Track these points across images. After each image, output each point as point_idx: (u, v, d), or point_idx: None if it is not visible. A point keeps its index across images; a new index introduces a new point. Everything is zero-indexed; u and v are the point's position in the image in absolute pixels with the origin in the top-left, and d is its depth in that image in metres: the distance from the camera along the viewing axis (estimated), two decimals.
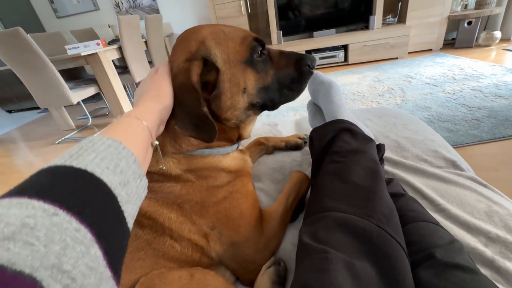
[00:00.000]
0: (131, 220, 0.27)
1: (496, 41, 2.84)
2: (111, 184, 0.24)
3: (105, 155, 0.26)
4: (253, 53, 0.48)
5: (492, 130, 1.35)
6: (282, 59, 0.52)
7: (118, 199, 0.24)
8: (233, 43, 0.48)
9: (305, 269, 0.32)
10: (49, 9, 3.88)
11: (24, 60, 1.98)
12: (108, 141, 0.27)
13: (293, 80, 0.52)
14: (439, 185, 0.59)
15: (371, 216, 0.37)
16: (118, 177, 0.25)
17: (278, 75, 0.51)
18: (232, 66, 0.47)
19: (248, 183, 0.56)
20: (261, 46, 0.50)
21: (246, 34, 0.50)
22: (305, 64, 0.51)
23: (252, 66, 0.49)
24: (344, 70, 2.91)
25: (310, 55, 0.52)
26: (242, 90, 0.48)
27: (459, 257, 0.34)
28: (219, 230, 0.48)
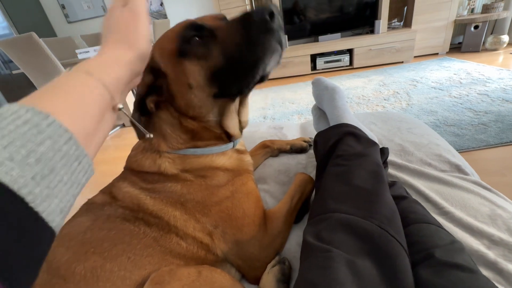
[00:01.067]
0: (57, 216, 0.21)
1: (504, 45, 2.82)
2: (13, 182, 0.18)
3: (13, 137, 0.19)
4: (183, 43, 0.44)
5: (499, 135, 1.35)
6: (228, 29, 0.43)
7: (27, 199, 0.19)
8: (167, 42, 0.46)
9: (309, 267, 0.34)
10: (60, 14, 3.98)
11: (36, 64, 2.04)
12: (27, 115, 0.20)
13: (245, 41, 0.41)
14: (443, 189, 0.60)
15: (373, 218, 0.38)
16: (30, 169, 0.19)
17: (226, 49, 0.42)
18: (171, 65, 0.45)
19: (248, 182, 0.56)
20: (195, 29, 0.44)
21: (180, 25, 0.46)
22: (252, 18, 0.40)
23: (188, 56, 0.44)
24: (349, 74, 2.92)
25: (259, 6, 0.40)
26: (187, 86, 0.46)
27: (459, 257, 0.35)
28: (223, 229, 0.49)
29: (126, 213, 0.48)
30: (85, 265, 0.40)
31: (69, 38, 3.08)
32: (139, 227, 0.46)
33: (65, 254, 0.42)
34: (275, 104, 2.40)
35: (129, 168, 0.55)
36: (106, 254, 0.41)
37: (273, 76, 3.28)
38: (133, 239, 0.45)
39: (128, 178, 0.53)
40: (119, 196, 0.51)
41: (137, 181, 0.52)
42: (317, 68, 3.20)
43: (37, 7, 3.88)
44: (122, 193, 0.51)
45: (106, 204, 0.50)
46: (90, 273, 0.39)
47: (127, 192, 0.51)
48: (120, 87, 0.30)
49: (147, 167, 0.52)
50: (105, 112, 0.28)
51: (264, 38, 0.40)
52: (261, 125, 1.11)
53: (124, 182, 0.52)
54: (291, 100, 2.43)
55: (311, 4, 3.11)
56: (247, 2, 3.08)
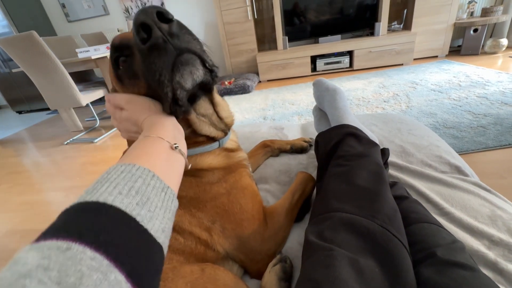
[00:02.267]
0: (161, 234, 0.27)
1: (503, 48, 2.84)
2: (126, 207, 0.24)
3: (118, 181, 0.26)
4: (116, 68, 0.41)
5: (498, 138, 1.35)
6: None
7: (137, 219, 0.25)
8: (109, 67, 0.44)
9: (311, 265, 0.34)
10: (60, 14, 3.98)
11: (36, 62, 2.04)
12: (121, 168, 0.28)
13: (144, 66, 0.36)
14: (443, 190, 0.60)
15: (375, 217, 0.38)
16: (134, 198, 0.25)
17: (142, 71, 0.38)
18: (121, 90, 0.45)
19: (242, 178, 0.55)
20: (116, 51, 0.39)
21: (111, 46, 0.41)
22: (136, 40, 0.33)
23: (125, 83, 0.42)
24: (349, 76, 2.93)
25: (137, 12, 0.32)
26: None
27: (460, 256, 0.35)
28: (221, 224, 0.49)
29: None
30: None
31: (69, 37, 3.08)
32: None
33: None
34: (275, 105, 2.40)
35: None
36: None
37: (273, 77, 3.29)
38: None
39: None
40: None
41: None
42: (317, 70, 3.21)
43: (38, 6, 3.88)
44: None
45: None
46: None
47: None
48: (170, 135, 0.37)
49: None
50: (168, 154, 0.35)
51: (154, 62, 0.34)
52: (262, 126, 1.11)
53: None
54: (291, 101, 2.43)
55: (312, 5, 3.12)
56: (247, 3, 3.09)
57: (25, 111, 4.25)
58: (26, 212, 1.51)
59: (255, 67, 3.38)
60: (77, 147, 2.30)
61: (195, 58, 0.37)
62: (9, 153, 2.53)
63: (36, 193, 1.71)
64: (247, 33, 3.28)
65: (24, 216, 1.47)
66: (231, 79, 3.18)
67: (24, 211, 1.52)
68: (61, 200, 1.58)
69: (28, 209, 1.53)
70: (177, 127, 0.41)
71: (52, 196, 1.64)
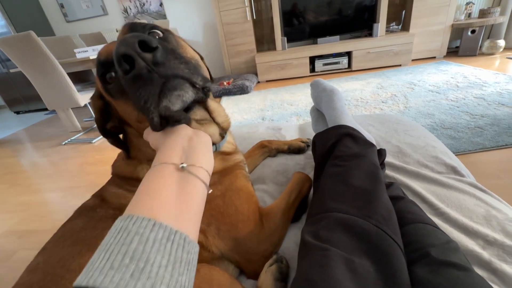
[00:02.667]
0: None
1: (500, 49, 2.85)
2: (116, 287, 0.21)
3: (112, 249, 0.23)
4: (104, 83, 0.39)
5: (495, 138, 1.36)
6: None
7: None
8: (97, 79, 0.43)
9: (307, 265, 0.34)
10: (59, 14, 3.97)
11: (35, 62, 2.03)
12: (120, 224, 0.25)
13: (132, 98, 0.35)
14: (439, 190, 0.61)
15: (370, 217, 0.39)
16: (127, 269, 0.22)
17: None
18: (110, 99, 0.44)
19: (237, 180, 0.55)
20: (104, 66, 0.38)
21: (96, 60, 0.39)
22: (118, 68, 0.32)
23: (114, 97, 0.41)
24: (348, 77, 2.93)
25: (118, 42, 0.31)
26: (136, 121, 0.43)
27: (454, 256, 0.35)
28: (216, 226, 0.49)
29: (117, 213, 0.48)
30: (79, 262, 0.40)
31: (67, 37, 3.08)
32: None
33: (59, 253, 0.42)
34: (273, 105, 2.41)
35: (114, 173, 0.57)
36: None
37: (272, 77, 3.30)
38: None
39: (116, 181, 0.54)
40: (108, 197, 0.52)
41: (122, 184, 0.53)
42: (316, 70, 3.22)
43: (36, 5, 3.87)
44: (110, 194, 0.52)
45: (97, 207, 0.51)
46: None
47: (115, 193, 0.52)
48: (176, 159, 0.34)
49: (129, 174, 0.52)
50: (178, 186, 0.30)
51: (139, 90, 0.32)
52: (259, 126, 1.11)
53: (112, 185, 0.54)
54: (290, 101, 2.44)
55: (310, 6, 3.13)
56: (246, 3, 3.10)
57: (23, 111, 4.23)
58: (23, 212, 1.50)
59: (254, 67, 3.38)
60: (75, 148, 2.29)
61: (183, 82, 0.36)
62: (6, 154, 2.53)
63: (34, 193, 1.70)
64: (246, 34, 3.29)
65: (22, 217, 1.46)
66: (229, 79, 3.18)
67: (22, 212, 1.51)
68: (59, 200, 1.57)
69: (26, 210, 1.53)
70: (185, 135, 0.36)
71: (50, 196, 1.64)
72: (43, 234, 0.62)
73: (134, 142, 0.52)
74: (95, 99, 0.48)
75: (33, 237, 1.29)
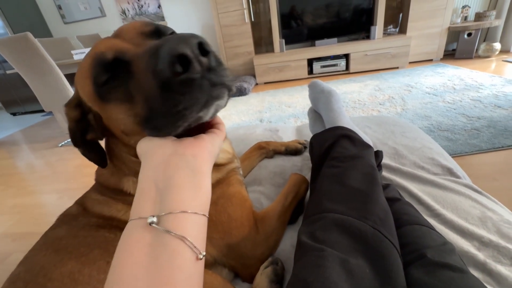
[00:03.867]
0: None
1: (496, 52, 2.88)
2: None
3: None
4: (98, 85, 0.34)
5: (491, 140, 1.37)
6: (141, 67, 0.30)
7: None
8: (83, 80, 0.37)
9: (302, 266, 0.34)
10: (56, 15, 3.96)
11: (31, 64, 2.02)
12: None
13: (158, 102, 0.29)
14: (435, 191, 0.61)
15: (367, 218, 0.39)
16: None
17: (145, 95, 0.30)
18: (97, 106, 0.37)
19: (230, 187, 0.54)
20: (106, 67, 0.33)
21: (91, 57, 0.35)
22: (157, 69, 0.27)
23: (109, 101, 0.34)
24: (346, 79, 2.95)
25: (171, 41, 0.26)
26: (121, 132, 0.38)
27: (449, 258, 0.35)
28: (208, 235, 0.47)
29: (100, 221, 0.47)
30: (61, 270, 0.39)
31: (65, 38, 3.07)
32: (115, 233, 0.45)
33: (41, 261, 0.41)
34: (271, 107, 2.41)
35: (98, 181, 0.53)
36: (83, 259, 0.41)
37: (270, 79, 3.30)
38: (109, 245, 0.43)
39: (99, 188, 0.52)
40: (90, 205, 0.49)
41: (106, 192, 0.50)
42: (314, 72, 3.23)
43: (33, 7, 3.86)
44: (92, 201, 0.50)
45: (80, 215, 0.49)
46: (67, 278, 0.38)
47: (97, 200, 0.49)
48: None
49: (113, 184, 0.49)
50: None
51: (183, 95, 0.27)
52: (257, 127, 1.11)
53: (95, 192, 0.51)
54: (288, 103, 2.44)
55: (308, 9, 3.15)
56: (244, 5, 3.11)
57: (20, 112, 4.21)
58: (18, 215, 1.49)
59: (252, 69, 3.39)
60: (72, 149, 2.28)
61: (225, 90, 0.31)
62: (2, 155, 2.51)
63: (29, 195, 1.69)
64: (244, 36, 3.30)
65: (17, 219, 1.45)
66: None
67: (17, 214, 1.50)
68: (55, 202, 1.56)
69: (21, 212, 1.51)
70: (160, 162, 0.27)
71: (46, 198, 1.63)
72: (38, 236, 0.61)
73: (117, 153, 0.46)
74: (71, 107, 0.41)
75: (28, 239, 1.28)
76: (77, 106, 0.41)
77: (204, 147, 0.29)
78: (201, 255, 0.22)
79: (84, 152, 0.44)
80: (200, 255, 0.22)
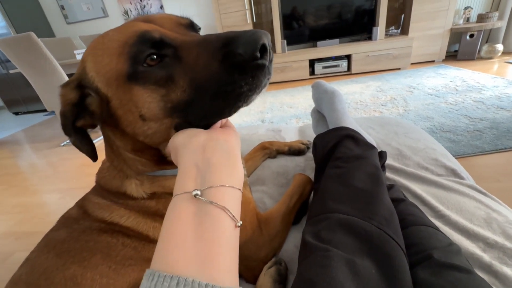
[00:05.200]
0: None
1: (498, 54, 2.87)
2: None
3: None
4: (136, 63, 0.33)
5: (494, 141, 1.36)
6: (200, 54, 0.32)
7: None
8: (108, 57, 0.35)
9: (307, 265, 0.34)
10: (59, 15, 3.98)
11: (34, 64, 2.03)
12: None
13: (223, 84, 0.31)
14: (439, 192, 0.60)
15: (372, 218, 0.39)
16: None
17: (197, 81, 0.32)
18: (114, 88, 0.35)
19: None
20: (152, 46, 0.33)
21: (129, 35, 0.34)
22: (235, 53, 0.29)
23: (142, 82, 0.34)
24: (347, 80, 2.94)
25: (249, 32, 0.30)
26: (138, 117, 0.36)
27: (456, 259, 0.35)
28: None
29: (102, 226, 0.46)
30: (64, 274, 0.39)
31: (67, 38, 3.08)
32: (117, 238, 0.44)
33: (43, 264, 0.41)
34: (273, 108, 2.41)
35: (99, 184, 0.51)
36: (86, 263, 0.40)
37: (272, 80, 3.29)
38: (112, 250, 0.42)
39: (100, 191, 0.50)
40: (91, 209, 0.48)
41: (107, 195, 0.49)
42: (315, 73, 3.23)
43: (37, 7, 3.88)
44: (93, 205, 0.48)
45: (80, 218, 0.48)
46: (70, 282, 0.38)
47: (98, 204, 0.48)
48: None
49: (115, 187, 0.47)
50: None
51: (253, 78, 0.31)
52: (259, 128, 1.11)
53: (96, 195, 0.50)
54: (290, 104, 2.44)
55: (310, 10, 3.15)
56: (246, 6, 3.11)
57: (22, 112, 4.22)
58: (21, 214, 1.49)
59: None
60: (74, 149, 2.25)
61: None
62: (4, 155, 2.51)
63: (31, 195, 1.69)
64: None
65: (19, 219, 1.45)
66: None
67: (19, 213, 1.50)
68: (57, 202, 1.56)
69: (23, 212, 1.51)
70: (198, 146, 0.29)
71: (48, 198, 1.63)
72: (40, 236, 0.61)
73: (119, 151, 0.45)
74: (70, 89, 0.38)
75: (30, 238, 1.28)
76: (77, 88, 0.38)
77: (232, 134, 0.33)
78: (238, 223, 0.25)
79: (76, 142, 0.42)
80: (238, 223, 0.25)
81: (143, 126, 0.37)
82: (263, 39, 0.30)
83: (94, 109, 0.39)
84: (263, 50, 0.30)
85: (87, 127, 0.42)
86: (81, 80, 0.37)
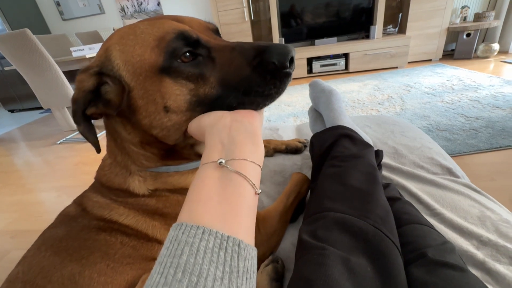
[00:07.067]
0: None
1: (494, 53, 2.89)
2: None
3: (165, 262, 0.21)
4: (171, 58, 0.35)
5: (489, 140, 1.38)
6: (234, 58, 0.37)
7: None
8: (141, 48, 0.36)
9: (304, 264, 0.34)
10: (55, 12, 3.94)
11: (30, 61, 2.01)
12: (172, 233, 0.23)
13: (255, 85, 0.36)
14: (434, 191, 0.61)
15: (367, 217, 0.39)
16: (180, 284, 0.20)
17: (227, 79, 0.37)
18: (142, 79, 0.37)
19: None
20: (189, 44, 0.36)
21: (166, 31, 0.36)
22: (269, 61, 0.35)
23: (174, 76, 0.36)
24: (345, 78, 2.95)
25: (280, 45, 0.36)
26: (162, 108, 0.38)
27: (450, 257, 0.36)
28: None
29: (101, 224, 0.46)
30: (62, 272, 0.39)
31: (63, 35, 3.05)
32: (116, 236, 0.44)
33: (40, 262, 0.41)
34: (270, 106, 2.41)
35: (99, 181, 0.51)
36: (84, 261, 0.40)
37: None
38: (110, 248, 0.42)
39: (100, 189, 0.50)
40: (90, 207, 0.48)
41: (107, 193, 0.49)
42: (313, 72, 3.23)
43: (32, 3, 3.83)
44: (92, 203, 0.48)
45: (79, 216, 0.48)
46: (68, 280, 0.38)
47: (98, 202, 0.48)
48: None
49: (117, 185, 0.47)
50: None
51: (280, 82, 0.36)
52: None
53: (95, 193, 0.50)
54: (287, 102, 2.44)
55: (308, 8, 3.14)
56: (244, 4, 3.10)
57: (18, 110, 4.18)
58: (17, 212, 1.48)
59: None
60: (70, 147, 2.27)
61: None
62: (0, 153, 2.49)
63: (27, 193, 1.68)
64: (244, 34, 3.29)
65: (15, 217, 1.44)
66: None
67: (15, 212, 1.49)
68: (53, 200, 1.56)
69: (19, 210, 1.51)
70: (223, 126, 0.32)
71: (44, 196, 1.62)
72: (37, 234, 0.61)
73: (124, 145, 0.45)
74: (90, 75, 0.38)
75: (26, 237, 1.27)
76: (96, 74, 0.38)
77: (256, 116, 0.35)
78: (258, 191, 0.28)
79: (84, 131, 0.42)
80: (258, 190, 0.28)
81: (164, 118, 0.38)
82: (292, 53, 0.35)
83: (112, 98, 0.40)
84: (291, 61, 0.36)
85: (95, 116, 0.43)
86: (102, 67, 0.38)
